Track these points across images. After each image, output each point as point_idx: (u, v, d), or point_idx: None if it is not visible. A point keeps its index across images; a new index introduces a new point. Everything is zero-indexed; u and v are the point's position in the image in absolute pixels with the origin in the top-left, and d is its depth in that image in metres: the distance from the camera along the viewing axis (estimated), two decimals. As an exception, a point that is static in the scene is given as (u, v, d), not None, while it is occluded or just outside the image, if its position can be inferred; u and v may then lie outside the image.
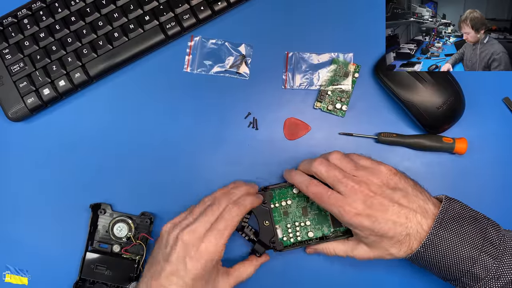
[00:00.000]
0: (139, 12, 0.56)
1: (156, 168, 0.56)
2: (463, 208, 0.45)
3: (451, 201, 0.46)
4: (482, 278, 0.42)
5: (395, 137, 0.55)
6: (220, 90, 0.57)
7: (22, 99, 0.55)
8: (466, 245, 0.43)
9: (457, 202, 0.46)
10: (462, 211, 0.45)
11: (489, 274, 0.42)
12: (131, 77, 0.57)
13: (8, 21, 0.55)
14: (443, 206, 0.44)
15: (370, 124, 0.56)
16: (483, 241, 0.43)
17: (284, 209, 0.52)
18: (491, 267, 0.42)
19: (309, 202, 0.52)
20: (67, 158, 0.56)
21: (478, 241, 0.43)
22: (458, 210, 0.45)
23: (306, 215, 0.52)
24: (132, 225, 0.54)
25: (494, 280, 0.42)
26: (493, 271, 0.42)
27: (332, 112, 0.56)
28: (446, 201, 0.45)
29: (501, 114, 0.56)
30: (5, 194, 0.56)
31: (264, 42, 0.57)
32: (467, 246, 0.43)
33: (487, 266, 0.42)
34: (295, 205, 0.52)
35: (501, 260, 0.42)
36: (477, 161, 0.56)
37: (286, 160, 0.56)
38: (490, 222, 0.45)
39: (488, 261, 0.42)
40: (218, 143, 0.56)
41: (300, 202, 0.52)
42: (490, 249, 0.43)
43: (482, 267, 0.42)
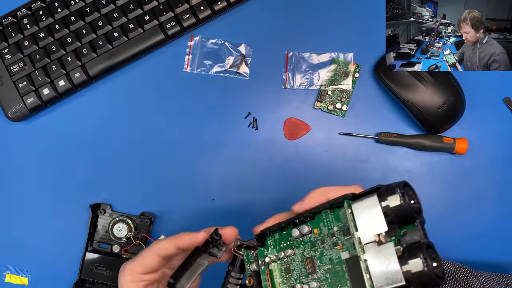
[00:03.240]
0: (139, 12, 0.56)
1: (156, 168, 0.56)
2: None
3: None
4: None
5: (395, 137, 0.55)
6: (220, 90, 0.57)
7: (22, 99, 0.55)
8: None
9: None
10: None
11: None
12: (131, 77, 0.57)
13: (7, 21, 0.55)
14: None
15: (371, 124, 0.56)
16: None
17: (285, 264, 0.34)
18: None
19: (319, 251, 0.32)
20: (66, 158, 0.56)
21: None
22: None
23: (314, 272, 0.32)
24: (132, 225, 0.54)
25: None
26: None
27: (332, 112, 0.56)
28: None
29: (502, 114, 0.56)
30: (4, 194, 0.56)
31: (264, 42, 0.57)
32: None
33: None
34: (299, 257, 0.33)
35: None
36: (478, 161, 0.55)
37: (286, 160, 0.56)
38: None
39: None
40: (218, 143, 0.56)
41: (305, 251, 0.33)
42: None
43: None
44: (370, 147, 0.56)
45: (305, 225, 0.33)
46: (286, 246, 0.34)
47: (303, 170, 0.56)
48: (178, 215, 0.55)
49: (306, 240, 0.33)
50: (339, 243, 0.31)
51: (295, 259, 0.33)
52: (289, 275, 0.33)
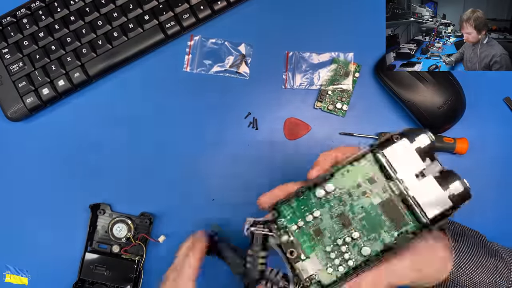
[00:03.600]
0: (138, 12, 0.56)
1: (156, 169, 0.56)
2: (450, 223, 0.44)
3: None
4: None
5: (395, 137, 0.55)
6: (220, 90, 0.57)
7: (21, 98, 0.55)
8: (481, 256, 0.41)
9: None
10: (450, 226, 0.43)
11: None
12: (131, 76, 0.57)
13: (7, 21, 0.55)
14: None
15: (371, 124, 0.56)
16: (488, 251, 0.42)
17: (313, 226, 0.34)
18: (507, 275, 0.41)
19: (348, 204, 0.34)
20: (66, 158, 0.56)
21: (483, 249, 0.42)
22: (448, 225, 0.43)
23: (349, 224, 0.33)
24: (132, 225, 0.54)
25: None
26: None
27: (333, 112, 0.56)
28: None
29: (502, 114, 0.56)
30: (4, 194, 0.56)
31: (264, 41, 0.57)
32: (482, 257, 0.41)
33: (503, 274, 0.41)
34: (328, 216, 0.34)
35: None
36: (478, 161, 0.55)
37: (286, 160, 0.56)
38: (472, 231, 0.44)
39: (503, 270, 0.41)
40: (218, 143, 0.56)
41: (334, 208, 0.34)
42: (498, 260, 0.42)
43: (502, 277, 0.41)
44: (370, 147, 0.56)
45: (329, 183, 0.34)
46: (308, 209, 0.34)
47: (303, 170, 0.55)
48: (178, 215, 0.55)
49: (330, 197, 0.34)
50: (368, 192, 0.33)
51: (323, 218, 0.34)
52: (320, 236, 0.34)
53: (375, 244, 0.33)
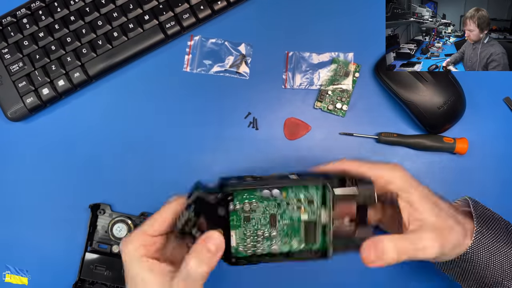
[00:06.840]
0: (138, 12, 0.56)
1: (156, 168, 0.56)
2: (485, 208, 0.45)
3: (476, 201, 0.45)
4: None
5: (395, 137, 0.55)
6: (220, 89, 0.57)
7: (21, 99, 0.55)
8: (505, 246, 0.41)
9: (478, 202, 0.45)
10: (485, 211, 0.44)
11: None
12: (131, 76, 0.57)
13: (7, 21, 0.55)
14: (473, 206, 0.44)
15: (371, 124, 0.56)
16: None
17: (246, 213, 0.39)
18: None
19: (282, 209, 0.39)
20: (66, 158, 0.56)
21: None
22: (483, 210, 0.44)
23: (274, 224, 0.39)
24: (132, 225, 0.54)
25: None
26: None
27: (333, 112, 0.56)
28: (472, 201, 0.45)
29: (502, 114, 0.56)
30: (4, 194, 0.56)
31: (264, 41, 0.57)
32: (506, 247, 0.41)
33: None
34: (261, 210, 0.39)
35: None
36: (478, 161, 0.55)
37: (286, 160, 0.56)
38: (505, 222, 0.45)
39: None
40: (218, 143, 0.56)
41: (269, 207, 0.39)
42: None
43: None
44: (371, 147, 0.56)
45: (277, 189, 0.39)
46: (249, 198, 0.39)
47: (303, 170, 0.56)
48: (178, 215, 0.55)
49: (271, 199, 0.39)
50: (302, 209, 0.39)
51: (257, 211, 0.39)
52: (247, 223, 0.39)
53: (283, 247, 0.39)
